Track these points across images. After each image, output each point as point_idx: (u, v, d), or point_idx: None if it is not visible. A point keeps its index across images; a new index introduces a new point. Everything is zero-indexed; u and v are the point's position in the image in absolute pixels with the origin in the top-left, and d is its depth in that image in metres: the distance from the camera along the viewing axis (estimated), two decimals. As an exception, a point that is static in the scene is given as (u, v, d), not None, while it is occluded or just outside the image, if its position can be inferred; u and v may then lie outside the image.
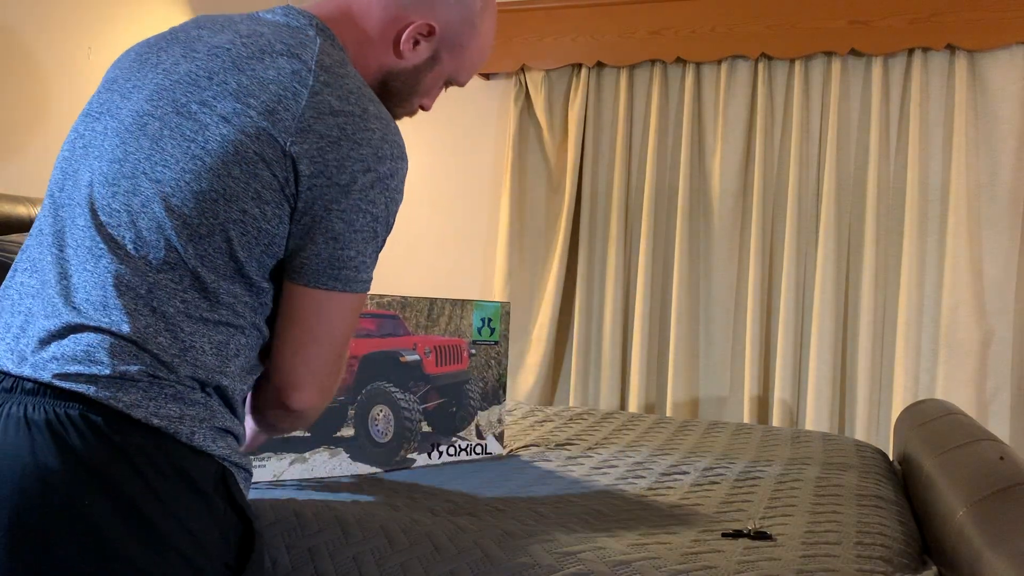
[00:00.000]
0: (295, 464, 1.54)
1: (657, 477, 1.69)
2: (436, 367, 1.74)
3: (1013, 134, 2.86)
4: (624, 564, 1.16)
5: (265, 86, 1.00)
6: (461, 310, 1.79)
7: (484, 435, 1.82)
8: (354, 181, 1.00)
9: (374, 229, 1.04)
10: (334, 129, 0.99)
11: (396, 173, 1.04)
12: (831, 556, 1.21)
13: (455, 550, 1.21)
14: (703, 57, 3.14)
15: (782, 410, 3.04)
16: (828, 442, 2.10)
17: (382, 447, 1.65)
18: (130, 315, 0.96)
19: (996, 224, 2.88)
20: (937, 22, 2.88)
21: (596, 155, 3.35)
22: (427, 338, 1.73)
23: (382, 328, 1.67)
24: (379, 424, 1.65)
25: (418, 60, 1.17)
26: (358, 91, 1.03)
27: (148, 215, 0.98)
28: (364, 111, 1.02)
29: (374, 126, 1.02)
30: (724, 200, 3.16)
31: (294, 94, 0.99)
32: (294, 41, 1.05)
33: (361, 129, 1.01)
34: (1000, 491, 1.26)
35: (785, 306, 3.06)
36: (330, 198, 0.99)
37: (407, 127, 3.65)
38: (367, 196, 1.01)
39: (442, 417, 1.75)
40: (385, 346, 1.67)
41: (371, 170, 1.01)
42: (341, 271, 1.03)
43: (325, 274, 1.03)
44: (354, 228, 1.02)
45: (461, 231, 3.61)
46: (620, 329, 3.29)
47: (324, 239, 1.01)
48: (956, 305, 2.87)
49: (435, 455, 1.73)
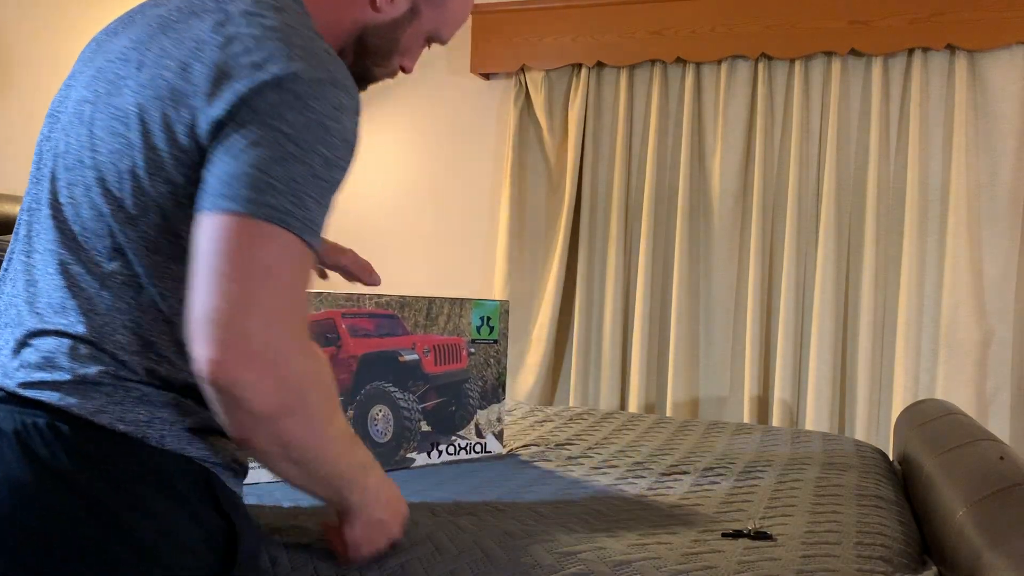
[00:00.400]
0: None
1: (657, 477, 1.69)
2: (435, 366, 1.73)
3: (1013, 134, 2.86)
4: (624, 564, 1.16)
5: (182, 44, 0.93)
6: (460, 309, 1.78)
7: (484, 434, 1.82)
8: (259, 96, 0.88)
9: (284, 148, 0.87)
10: (246, 66, 0.90)
11: (322, 96, 0.91)
12: (831, 556, 1.21)
13: (455, 550, 1.21)
14: (703, 57, 3.14)
15: (782, 410, 3.04)
16: (828, 442, 2.10)
17: (382, 447, 1.65)
18: (85, 314, 0.92)
19: (996, 224, 2.88)
20: (937, 22, 2.88)
21: (596, 155, 3.35)
22: (426, 337, 1.72)
23: (380, 328, 1.67)
24: (378, 424, 1.65)
25: (396, 14, 1.11)
26: (284, 27, 0.94)
27: (88, 204, 0.94)
28: (287, 43, 0.92)
29: (296, 54, 0.92)
30: (724, 200, 3.16)
31: (209, 43, 0.92)
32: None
33: (276, 58, 0.90)
34: (1000, 491, 1.26)
35: (785, 306, 3.06)
36: (238, 121, 0.88)
37: (407, 127, 3.66)
38: (276, 112, 0.88)
39: (441, 416, 1.75)
40: (383, 346, 1.66)
41: (284, 88, 0.89)
42: (231, 187, 0.85)
43: (213, 192, 0.86)
44: (252, 141, 0.87)
45: (461, 231, 3.61)
46: (620, 329, 3.29)
47: (221, 158, 0.87)
48: (956, 305, 2.87)
49: (435, 454, 1.73)
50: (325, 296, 1.60)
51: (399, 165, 3.69)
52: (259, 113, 0.88)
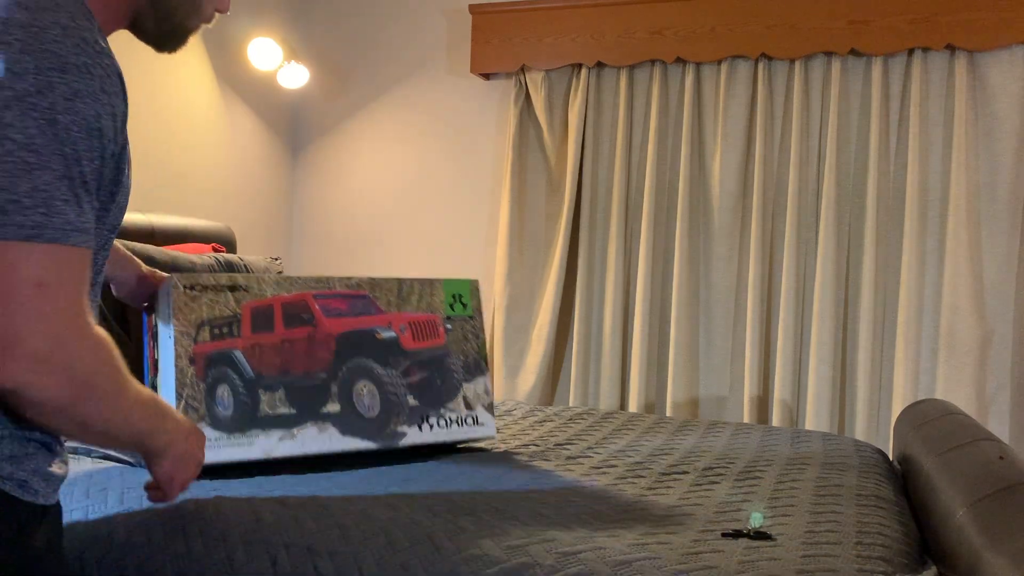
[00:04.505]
0: (284, 440, 1.53)
1: (657, 477, 1.69)
2: (414, 342, 1.72)
3: (1013, 134, 2.85)
4: (624, 564, 1.16)
5: None
6: (431, 288, 1.78)
7: (473, 406, 1.79)
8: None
9: (22, 160, 0.83)
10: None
11: (51, 91, 0.84)
12: (831, 556, 1.21)
13: (455, 550, 1.21)
14: (703, 57, 3.14)
15: (782, 410, 3.04)
16: (828, 442, 2.10)
17: (371, 421, 1.64)
18: None
19: (996, 224, 2.88)
20: (937, 22, 2.88)
21: (596, 155, 3.35)
22: (400, 315, 1.72)
23: (354, 307, 1.67)
24: (364, 399, 1.64)
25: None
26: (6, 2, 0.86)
27: None
28: (4, 23, 0.85)
29: (13, 36, 0.84)
30: (724, 200, 3.16)
31: None
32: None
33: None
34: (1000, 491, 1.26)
35: (785, 306, 3.06)
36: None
37: (407, 127, 3.66)
38: (2, 119, 0.83)
39: (427, 390, 1.73)
40: (359, 325, 1.66)
41: (4, 88, 0.83)
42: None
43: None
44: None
45: (461, 231, 3.61)
46: (620, 329, 3.29)
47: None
48: (956, 305, 2.87)
49: (425, 428, 1.70)
50: (295, 280, 1.61)
51: (399, 165, 3.69)
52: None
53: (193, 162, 3.23)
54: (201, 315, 1.50)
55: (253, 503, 1.35)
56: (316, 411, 1.58)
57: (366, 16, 3.73)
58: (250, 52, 3.36)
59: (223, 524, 1.29)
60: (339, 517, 1.30)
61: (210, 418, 1.49)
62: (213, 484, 1.45)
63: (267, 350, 1.56)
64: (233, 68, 3.41)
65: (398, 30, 3.68)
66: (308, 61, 3.74)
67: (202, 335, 1.50)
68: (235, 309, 1.54)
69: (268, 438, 1.52)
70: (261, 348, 1.55)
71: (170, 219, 2.65)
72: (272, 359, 1.56)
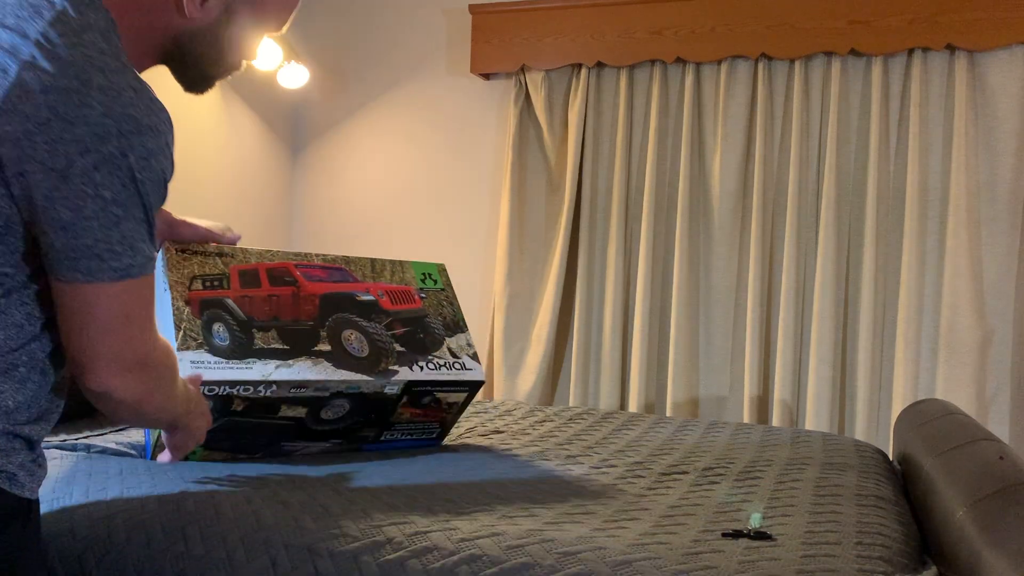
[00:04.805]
0: (281, 368, 1.57)
1: (657, 477, 1.69)
2: (392, 304, 1.81)
3: (1013, 134, 2.86)
4: (624, 564, 1.16)
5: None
6: (401, 267, 1.89)
7: (459, 355, 1.84)
8: (71, 165, 0.91)
9: (112, 213, 0.94)
10: (43, 109, 0.90)
11: (131, 150, 0.94)
12: (831, 556, 1.21)
13: (454, 549, 1.21)
14: (703, 57, 3.14)
15: (782, 410, 3.04)
16: (828, 442, 2.10)
17: (362, 360, 1.68)
18: None
19: (996, 224, 2.88)
20: (937, 22, 2.88)
21: (596, 155, 3.35)
22: (376, 284, 1.82)
23: (332, 276, 1.76)
24: (353, 343, 1.69)
25: (210, 19, 1.09)
26: (83, 61, 0.93)
27: None
28: (84, 84, 0.92)
29: (95, 100, 0.92)
30: (724, 200, 3.16)
31: (3, 71, 0.90)
32: (28, 12, 0.94)
33: (76, 106, 0.91)
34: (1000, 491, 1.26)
35: (785, 306, 3.06)
36: (49, 186, 0.91)
37: (407, 127, 3.66)
38: (92, 180, 0.92)
39: (412, 342, 1.79)
40: (339, 288, 1.75)
41: (91, 151, 0.92)
42: (79, 261, 0.95)
43: (63, 265, 0.95)
44: (83, 215, 0.93)
45: (461, 231, 3.61)
46: (620, 329, 3.29)
47: (54, 229, 0.93)
48: (956, 305, 2.87)
49: (416, 368, 1.75)
50: (276, 252, 1.72)
51: (399, 165, 3.69)
52: (72, 182, 0.93)
53: (193, 162, 3.24)
54: (193, 271, 1.60)
55: (253, 503, 1.35)
56: (308, 349, 1.64)
57: (366, 16, 3.73)
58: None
59: (223, 524, 1.29)
60: (339, 517, 1.30)
61: (208, 347, 1.54)
62: (213, 484, 1.45)
63: (256, 301, 1.64)
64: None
65: (398, 30, 3.68)
66: (308, 61, 3.74)
67: (195, 285, 1.59)
68: (223, 269, 1.64)
69: (265, 365, 1.57)
70: (251, 299, 1.64)
71: (170, 219, 2.65)
72: (262, 308, 1.64)
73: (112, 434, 1.86)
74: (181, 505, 1.34)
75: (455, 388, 1.81)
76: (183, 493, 1.38)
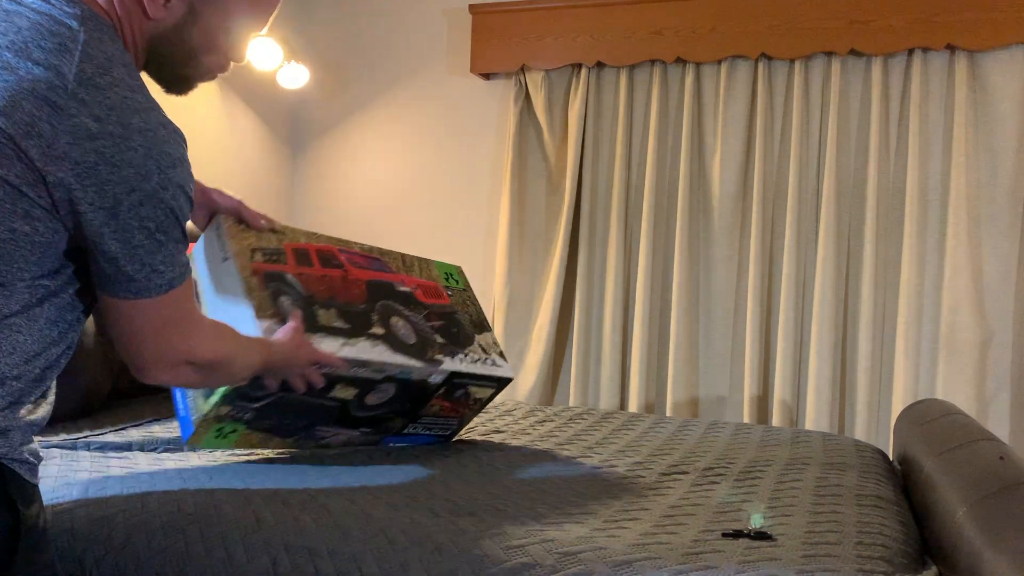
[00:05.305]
0: (345, 347, 1.58)
1: (657, 477, 1.69)
2: (425, 298, 1.85)
3: (1013, 134, 2.86)
4: (624, 564, 1.16)
5: (18, 104, 0.94)
6: (427, 264, 1.93)
7: (489, 353, 1.88)
8: (119, 204, 0.99)
9: (156, 239, 1.04)
10: (91, 155, 0.96)
11: (169, 183, 1.03)
12: (831, 556, 1.21)
13: (455, 550, 1.21)
14: (703, 57, 3.14)
15: (782, 410, 3.04)
16: (828, 442, 2.10)
17: (412, 346, 1.71)
18: None
19: (996, 224, 2.88)
20: (937, 22, 2.88)
21: (596, 155, 3.35)
22: (409, 277, 1.86)
23: (372, 265, 1.79)
24: (401, 329, 1.72)
25: (173, 19, 1.10)
26: (121, 104, 0.98)
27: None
28: (126, 128, 0.98)
29: (136, 143, 0.99)
30: (724, 200, 3.16)
31: (48, 117, 0.94)
32: (54, 44, 0.97)
33: (121, 150, 0.98)
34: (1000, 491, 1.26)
35: (785, 306, 3.06)
36: (99, 222, 0.99)
37: (407, 127, 3.66)
38: (138, 214, 1.01)
39: (448, 335, 1.83)
40: (380, 277, 1.79)
41: (136, 190, 1.00)
42: (131, 283, 1.05)
43: (117, 285, 1.05)
44: (132, 245, 1.02)
45: (461, 231, 3.61)
46: (620, 329, 3.29)
47: (104, 259, 1.02)
48: (956, 305, 2.87)
49: (458, 360, 1.78)
50: (320, 235, 1.74)
51: (399, 165, 3.69)
52: (120, 217, 1.01)
53: (193, 162, 3.24)
54: (252, 243, 1.60)
55: (253, 503, 1.35)
56: (365, 331, 1.65)
57: (366, 16, 3.73)
58: (250, 52, 3.36)
59: (223, 524, 1.29)
60: (339, 517, 1.30)
61: (280, 319, 1.54)
62: (213, 484, 1.45)
63: (312, 279, 1.65)
64: (233, 68, 3.41)
65: (398, 30, 3.68)
66: (308, 61, 3.74)
67: (256, 257, 1.59)
68: (278, 245, 1.65)
69: (333, 341, 1.57)
70: (307, 277, 1.65)
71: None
72: (318, 286, 1.65)
73: (112, 434, 1.86)
74: (181, 505, 1.34)
75: (488, 383, 1.84)
76: (183, 493, 1.38)
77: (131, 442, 1.75)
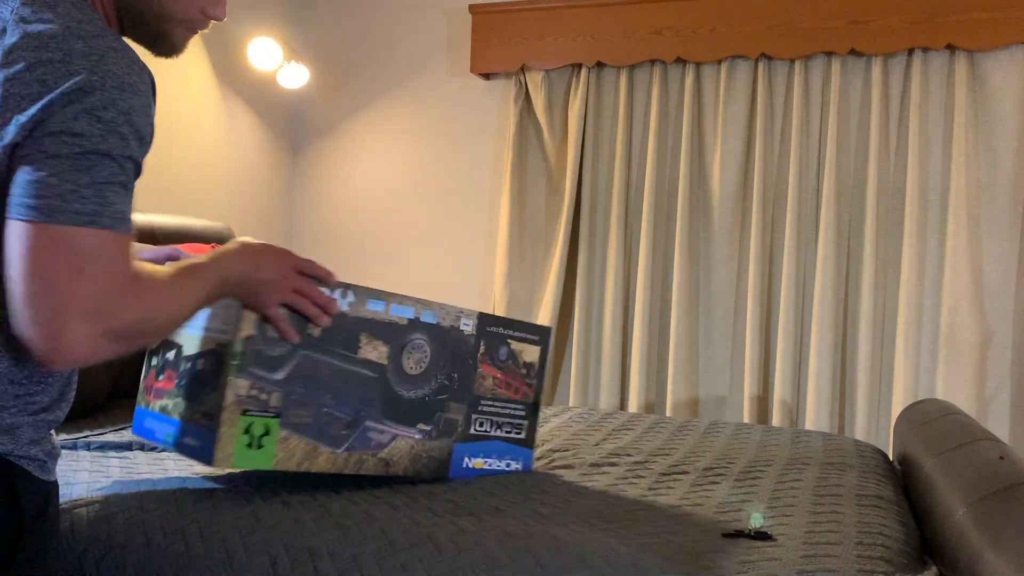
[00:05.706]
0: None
1: (657, 477, 1.69)
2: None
3: (1013, 134, 2.86)
4: (625, 564, 1.16)
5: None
6: None
7: None
8: (51, 116, 0.94)
9: (86, 158, 0.95)
10: (32, 85, 0.94)
11: (111, 104, 0.96)
12: (831, 556, 1.21)
13: (456, 551, 1.21)
14: (703, 57, 3.14)
15: (782, 410, 3.04)
16: (828, 442, 2.10)
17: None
18: None
19: (996, 224, 2.88)
20: (937, 22, 2.88)
21: (596, 155, 3.35)
22: None
23: None
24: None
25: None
26: (62, 33, 0.96)
27: None
28: (67, 54, 0.95)
29: (79, 66, 0.95)
30: (724, 200, 3.16)
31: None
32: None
33: (63, 76, 0.94)
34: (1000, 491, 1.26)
35: (785, 306, 3.06)
36: (37, 135, 0.94)
37: (407, 127, 3.66)
38: (71, 128, 0.94)
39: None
40: None
41: (74, 103, 0.94)
42: (40, 199, 0.93)
43: (21, 203, 0.94)
44: (55, 155, 0.94)
45: (461, 231, 3.61)
46: (620, 329, 3.29)
47: (23, 169, 0.94)
48: (956, 305, 2.87)
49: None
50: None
51: (399, 165, 3.69)
52: (50, 126, 0.94)
53: (193, 162, 3.23)
54: None
55: (253, 503, 1.35)
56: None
57: (366, 16, 3.73)
58: (250, 52, 3.36)
59: (223, 524, 1.29)
60: (339, 517, 1.30)
61: None
62: (213, 484, 1.45)
63: None
64: (233, 68, 3.41)
65: (398, 30, 3.68)
66: (308, 61, 3.74)
67: None
68: None
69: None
70: None
71: (170, 219, 2.65)
72: None
73: (112, 434, 1.86)
74: (181, 505, 1.33)
75: (528, 335, 1.70)
76: (183, 493, 1.38)
77: (131, 442, 1.75)
